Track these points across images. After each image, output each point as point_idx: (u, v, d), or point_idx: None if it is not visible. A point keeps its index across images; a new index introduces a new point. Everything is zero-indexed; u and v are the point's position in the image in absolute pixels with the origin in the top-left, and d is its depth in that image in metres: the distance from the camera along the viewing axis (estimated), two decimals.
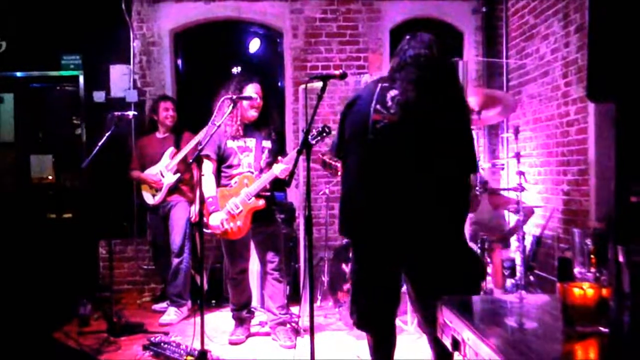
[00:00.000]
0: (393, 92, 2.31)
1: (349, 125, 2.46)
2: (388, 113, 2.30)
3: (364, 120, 2.34)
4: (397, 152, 2.29)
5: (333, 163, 3.51)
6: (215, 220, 3.64)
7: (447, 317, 1.76)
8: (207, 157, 3.68)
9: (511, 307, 1.89)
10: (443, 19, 5.52)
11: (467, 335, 1.62)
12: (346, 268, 4.34)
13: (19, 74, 5.31)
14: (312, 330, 2.51)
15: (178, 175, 4.48)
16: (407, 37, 2.46)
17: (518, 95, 4.99)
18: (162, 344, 3.57)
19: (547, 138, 4.52)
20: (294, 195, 5.24)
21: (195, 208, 4.45)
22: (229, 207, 3.68)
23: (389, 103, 2.30)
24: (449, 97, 2.34)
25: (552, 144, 4.44)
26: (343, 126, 2.51)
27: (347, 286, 4.33)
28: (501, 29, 5.32)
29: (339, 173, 3.61)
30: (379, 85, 2.38)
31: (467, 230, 4.24)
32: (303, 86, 4.25)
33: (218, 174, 3.79)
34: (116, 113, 4.26)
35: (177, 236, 4.50)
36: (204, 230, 3.51)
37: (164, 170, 4.52)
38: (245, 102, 3.69)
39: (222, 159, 3.76)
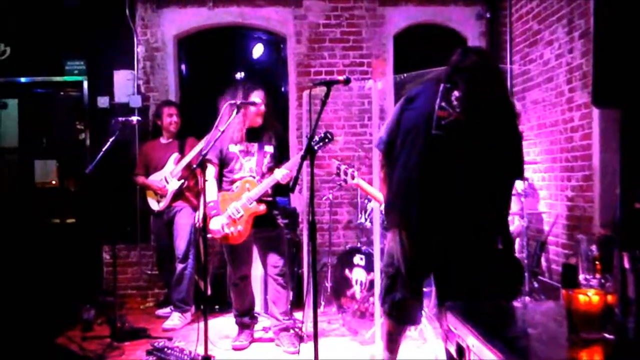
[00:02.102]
0: (457, 93, 2.45)
1: (407, 120, 2.57)
2: (454, 111, 2.44)
3: (427, 117, 2.47)
4: (460, 148, 2.44)
5: (348, 174, 3.69)
6: (216, 224, 3.65)
7: (451, 323, 1.75)
8: (209, 161, 3.69)
9: (515, 314, 1.88)
10: (447, 25, 5.53)
11: (471, 341, 1.61)
12: (349, 274, 4.33)
13: (23, 79, 5.33)
14: (315, 336, 2.51)
15: (182, 181, 4.49)
16: (462, 49, 2.64)
17: (522, 101, 4.99)
18: (165, 349, 3.57)
19: (551, 144, 4.51)
20: (298, 200, 5.23)
21: (199, 213, 4.45)
22: (230, 212, 3.69)
23: (454, 102, 2.45)
24: (505, 103, 2.55)
25: (556, 150, 4.43)
26: (399, 121, 2.61)
27: (350, 292, 4.32)
28: (505, 35, 5.32)
29: (349, 183, 3.74)
30: (442, 85, 2.50)
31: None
32: (307, 92, 4.26)
33: (220, 178, 3.80)
34: (120, 118, 4.27)
35: (181, 242, 4.51)
36: (207, 235, 3.51)
37: (168, 176, 4.52)
38: (252, 108, 3.71)
39: (223, 163, 3.77)
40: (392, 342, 2.83)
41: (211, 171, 3.72)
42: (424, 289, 2.91)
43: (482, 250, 2.49)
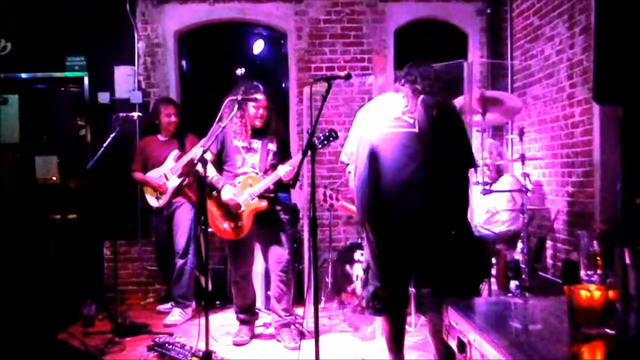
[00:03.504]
0: (406, 99, 2.81)
1: (366, 130, 2.85)
2: (403, 123, 2.76)
3: (379, 129, 2.77)
4: (410, 153, 2.71)
5: (333, 198, 4.13)
6: (228, 193, 3.65)
7: (452, 318, 1.76)
8: (208, 150, 3.68)
9: (517, 309, 1.89)
10: (447, 20, 5.51)
11: (472, 337, 1.62)
12: (350, 269, 4.34)
13: (23, 75, 5.32)
14: (316, 332, 2.52)
15: (182, 178, 4.48)
16: (411, 63, 2.98)
17: (523, 97, 4.99)
18: (166, 345, 3.58)
19: (551, 140, 4.50)
20: (298, 196, 5.24)
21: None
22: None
23: (405, 108, 2.79)
24: (446, 106, 2.86)
25: (556, 146, 4.43)
26: (359, 132, 2.91)
27: (351, 287, 4.33)
28: (506, 31, 5.31)
29: (336, 206, 4.18)
30: (390, 93, 2.90)
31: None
32: (307, 87, 4.26)
33: (220, 172, 3.80)
34: (121, 114, 4.27)
35: (181, 238, 4.51)
36: (207, 230, 3.52)
37: (168, 173, 4.52)
38: (251, 110, 3.72)
39: (225, 158, 3.77)
40: (393, 341, 2.90)
41: (208, 156, 3.70)
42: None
43: (442, 238, 2.70)
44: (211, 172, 3.72)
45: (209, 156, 3.69)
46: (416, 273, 2.89)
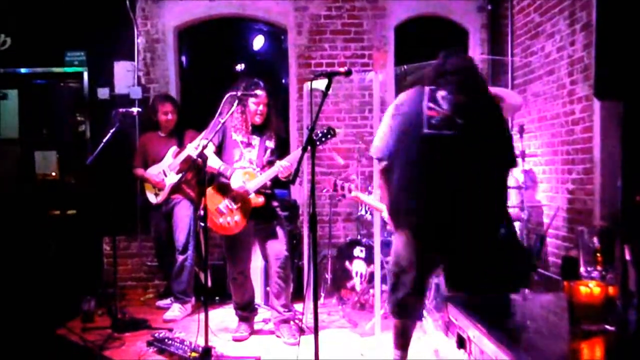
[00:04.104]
0: (443, 92, 2.61)
1: (399, 126, 2.68)
2: (441, 109, 2.57)
3: (417, 118, 2.60)
4: (451, 144, 2.56)
5: (345, 189, 3.78)
6: (238, 180, 3.66)
7: (452, 314, 1.76)
8: (209, 140, 3.67)
9: (516, 306, 1.89)
10: (448, 17, 5.50)
11: (472, 333, 1.62)
12: (350, 266, 4.34)
13: (23, 70, 5.30)
14: (316, 328, 2.52)
15: (181, 175, 4.48)
16: (443, 53, 2.78)
17: (523, 94, 4.98)
18: (166, 340, 3.58)
19: (552, 137, 4.50)
20: (298, 192, 5.23)
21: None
22: (227, 202, 3.70)
23: (441, 101, 2.59)
24: (486, 98, 2.71)
25: (557, 143, 4.43)
26: (390, 128, 2.72)
27: (350, 284, 4.34)
28: (506, 27, 5.30)
29: (348, 197, 3.84)
30: (426, 88, 2.66)
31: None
32: (307, 83, 4.24)
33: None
34: (120, 110, 4.27)
35: (181, 234, 4.51)
36: (207, 226, 3.52)
37: (166, 170, 4.52)
38: (252, 106, 3.71)
39: (223, 151, 3.77)
40: (402, 339, 2.87)
41: (210, 148, 3.70)
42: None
43: (486, 241, 2.58)
44: (217, 162, 3.71)
45: (211, 147, 3.69)
46: (451, 278, 2.78)
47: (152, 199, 4.61)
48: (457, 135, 2.55)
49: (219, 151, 3.78)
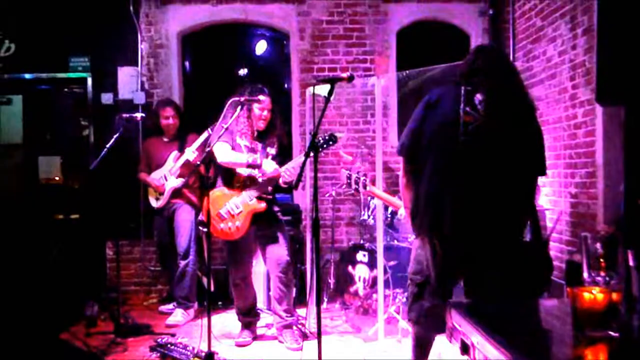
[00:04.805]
0: (479, 96, 2.46)
1: (431, 126, 2.55)
2: (479, 115, 2.44)
3: (452, 122, 2.46)
4: (487, 152, 2.45)
5: (359, 183, 3.64)
6: (269, 167, 3.68)
7: (456, 320, 1.76)
8: (224, 141, 3.67)
9: (520, 311, 1.88)
10: (449, 22, 5.51)
11: (476, 339, 1.61)
12: (353, 270, 4.34)
13: (27, 75, 5.33)
14: (319, 333, 2.52)
15: (181, 179, 4.49)
16: (476, 48, 2.70)
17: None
18: (169, 345, 3.58)
19: (554, 141, 4.50)
20: (301, 197, 5.24)
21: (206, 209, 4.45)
22: (229, 207, 3.71)
23: (478, 106, 2.45)
24: (524, 99, 2.57)
25: (559, 147, 4.43)
26: (421, 127, 2.58)
27: (353, 289, 4.33)
28: (508, 32, 5.31)
29: (362, 192, 3.74)
30: (462, 88, 2.50)
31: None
32: (310, 89, 4.26)
33: (221, 170, 3.80)
34: (124, 115, 4.28)
35: (182, 239, 4.52)
36: (210, 231, 3.52)
37: (167, 174, 4.53)
38: (256, 111, 3.72)
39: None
40: (421, 350, 2.77)
41: (227, 147, 3.69)
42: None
43: (513, 248, 2.50)
44: (241, 156, 3.69)
45: (227, 146, 3.68)
46: (472, 288, 2.66)
47: (154, 203, 4.64)
48: (492, 143, 2.44)
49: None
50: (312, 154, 2.59)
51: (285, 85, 5.74)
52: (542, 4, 4.66)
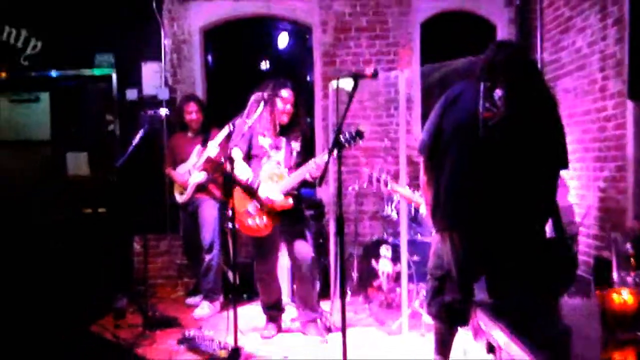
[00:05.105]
0: (499, 91, 2.45)
1: (451, 122, 2.56)
2: (498, 111, 2.44)
3: (472, 118, 2.47)
4: (507, 147, 2.45)
5: (381, 182, 3.66)
6: (265, 191, 3.67)
7: (482, 321, 1.75)
8: (237, 146, 3.70)
9: (547, 311, 1.86)
10: (475, 12, 5.42)
11: (502, 340, 1.60)
12: (376, 265, 4.34)
13: (53, 73, 5.41)
14: (344, 328, 2.53)
15: (205, 174, 4.53)
16: (496, 43, 2.69)
17: (553, 89, 4.88)
18: (196, 339, 3.64)
19: (582, 133, 4.41)
20: (324, 191, 5.24)
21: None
22: (256, 203, 3.71)
23: (498, 102, 2.44)
24: (545, 94, 2.58)
25: (588, 139, 4.34)
26: (441, 124, 2.59)
27: (377, 283, 4.33)
28: (535, 22, 5.19)
29: (383, 190, 3.74)
30: (482, 84, 2.50)
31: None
32: (333, 83, 4.23)
33: None
34: (149, 112, 4.32)
35: (206, 233, 4.57)
36: (235, 225, 3.55)
37: (191, 169, 4.58)
38: (280, 105, 3.71)
39: (251, 154, 3.79)
40: (443, 345, 2.79)
41: (238, 153, 3.72)
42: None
43: (535, 244, 2.50)
44: (244, 172, 3.70)
45: (239, 153, 3.71)
46: (494, 285, 2.64)
47: (178, 198, 4.70)
48: (513, 139, 2.44)
49: (247, 157, 3.79)
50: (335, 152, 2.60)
51: (308, 78, 5.73)
52: None
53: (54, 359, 3.64)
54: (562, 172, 4.62)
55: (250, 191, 3.72)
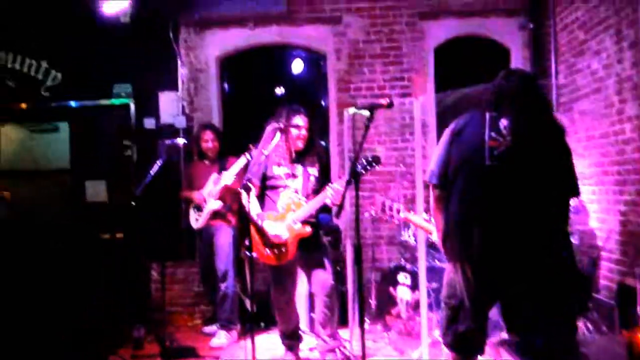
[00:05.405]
0: (505, 121, 2.49)
1: (458, 153, 2.61)
2: (504, 140, 2.47)
3: (478, 148, 2.51)
4: (515, 176, 2.48)
5: (394, 210, 3.62)
6: (272, 229, 3.66)
7: (505, 358, 1.71)
8: (250, 180, 3.70)
9: (570, 349, 1.82)
10: (488, 36, 5.44)
11: None
12: (394, 292, 4.30)
13: (73, 103, 5.51)
14: (363, 357, 2.50)
15: (220, 202, 4.54)
16: (502, 73, 2.69)
17: (569, 112, 4.86)
18: None
19: (601, 156, 4.37)
20: (340, 217, 5.22)
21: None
22: (275, 232, 3.69)
23: (504, 131, 2.48)
24: (552, 122, 2.61)
25: (606, 163, 4.29)
26: (449, 154, 2.64)
27: (395, 310, 4.28)
28: (549, 45, 5.18)
29: (396, 218, 3.68)
30: (487, 114, 2.54)
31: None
32: (348, 111, 4.25)
33: (263, 198, 3.82)
34: (167, 141, 4.37)
35: (220, 262, 4.57)
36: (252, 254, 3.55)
37: (207, 197, 4.60)
38: (294, 132, 3.73)
39: (267, 184, 3.79)
40: None
41: (252, 191, 3.72)
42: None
43: (547, 273, 2.49)
44: (253, 208, 3.69)
45: (253, 190, 3.71)
46: (509, 314, 2.65)
47: (194, 224, 4.71)
48: (520, 167, 2.48)
49: (264, 185, 3.79)
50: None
51: (323, 104, 5.76)
52: (584, 17, 4.55)
53: None
54: (582, 197, 4.58)
55: (257, 227, 3.71)
